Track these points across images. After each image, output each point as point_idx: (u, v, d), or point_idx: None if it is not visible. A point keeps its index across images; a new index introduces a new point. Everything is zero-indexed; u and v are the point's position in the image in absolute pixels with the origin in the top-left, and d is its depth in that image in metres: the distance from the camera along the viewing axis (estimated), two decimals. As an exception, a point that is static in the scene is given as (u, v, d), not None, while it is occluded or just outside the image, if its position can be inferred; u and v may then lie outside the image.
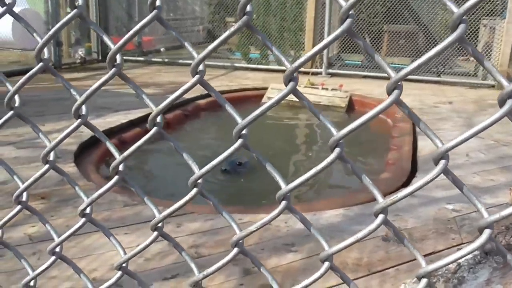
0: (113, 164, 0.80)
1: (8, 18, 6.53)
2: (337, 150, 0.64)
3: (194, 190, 0.75)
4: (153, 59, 8.45)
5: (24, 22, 0.82)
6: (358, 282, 1.94)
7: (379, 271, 2.02)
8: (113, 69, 0.74)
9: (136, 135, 4.39)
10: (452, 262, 0.60)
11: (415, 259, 2.20)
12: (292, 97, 0.66)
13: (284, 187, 0.69)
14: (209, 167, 0.73)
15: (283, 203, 0.69)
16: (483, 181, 3.15)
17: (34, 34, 0.82)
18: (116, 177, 0.80)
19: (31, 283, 1.01)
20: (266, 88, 6.13)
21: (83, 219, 0.88)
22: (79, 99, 0.79)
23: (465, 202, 2.81)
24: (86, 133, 3.72)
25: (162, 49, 9.22)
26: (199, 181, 0.74)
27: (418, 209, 2.66)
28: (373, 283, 1.94)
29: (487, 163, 3.55)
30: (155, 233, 0.83)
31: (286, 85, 0.64)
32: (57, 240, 0.92)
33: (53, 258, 0.94)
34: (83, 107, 0.80)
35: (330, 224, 2.44)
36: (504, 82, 0.54)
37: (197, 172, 0.74)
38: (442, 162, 0.59)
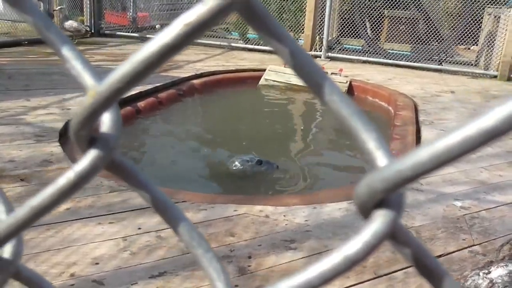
0: None
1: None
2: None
3: None
4: (148, 36, 8.17)
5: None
6: (364, 286, 1.78)
7: (386, 274, 1.86)
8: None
9: (127, 114, 4.18)
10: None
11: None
12: (290, 80, 0.46)
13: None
14: None
15: None
16: (492, 176, 2.99)
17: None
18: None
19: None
20: (263, 70, 5.91)
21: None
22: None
23: (473, 199, 2.65)
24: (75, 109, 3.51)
25: (157, 26, 8.93)
26: None
27: (425, 205, 2.49)
28: (380, 287, 1.78)
29: (495, 157, 3.39)
30: None
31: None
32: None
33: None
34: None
35: (333, 219, 2.26)
36: None
37: None
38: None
